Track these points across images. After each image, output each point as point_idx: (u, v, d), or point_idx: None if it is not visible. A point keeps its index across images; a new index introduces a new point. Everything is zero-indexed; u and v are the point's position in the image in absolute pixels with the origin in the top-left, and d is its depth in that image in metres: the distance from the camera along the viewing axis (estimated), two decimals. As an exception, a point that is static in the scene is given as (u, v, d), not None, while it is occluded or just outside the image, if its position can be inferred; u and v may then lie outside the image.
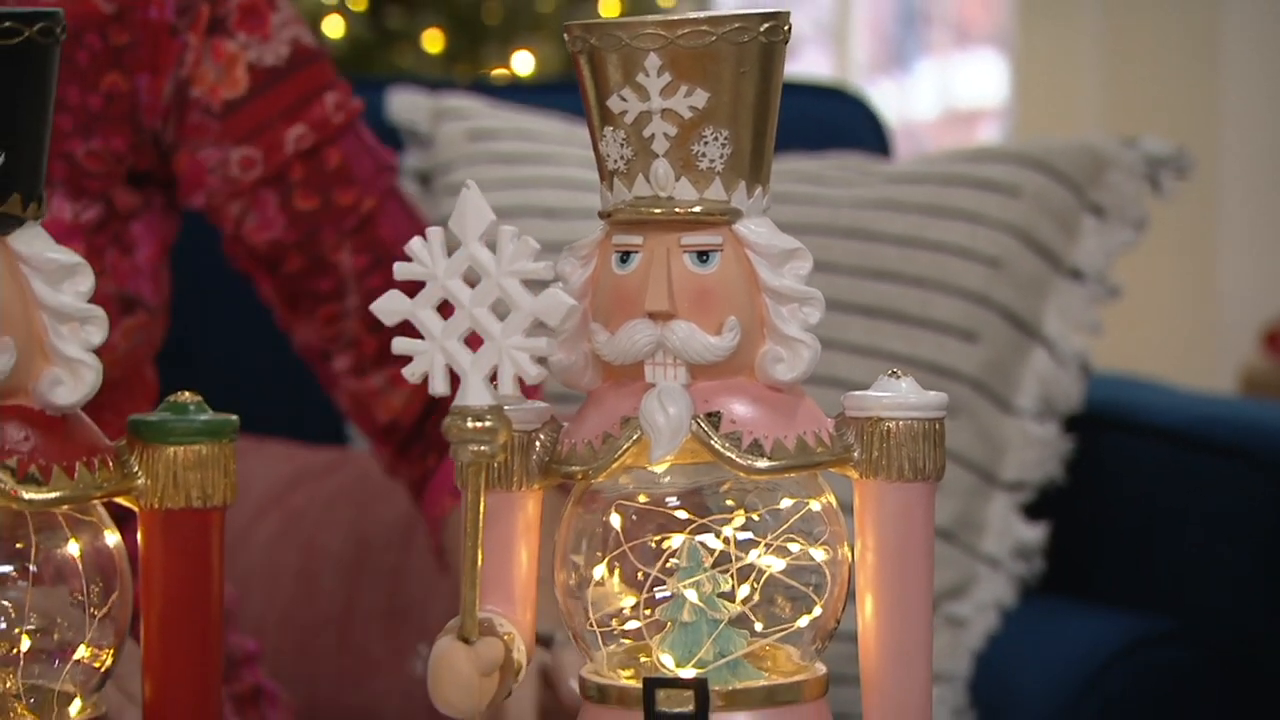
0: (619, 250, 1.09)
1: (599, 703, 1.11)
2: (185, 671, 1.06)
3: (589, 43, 1.09)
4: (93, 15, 1.61)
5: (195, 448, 1.04)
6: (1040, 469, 2.20)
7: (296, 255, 1.70)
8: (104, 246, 1.63)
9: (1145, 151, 2.26)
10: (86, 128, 1.61)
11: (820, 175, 2.29)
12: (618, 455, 1.09)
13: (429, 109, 2.40)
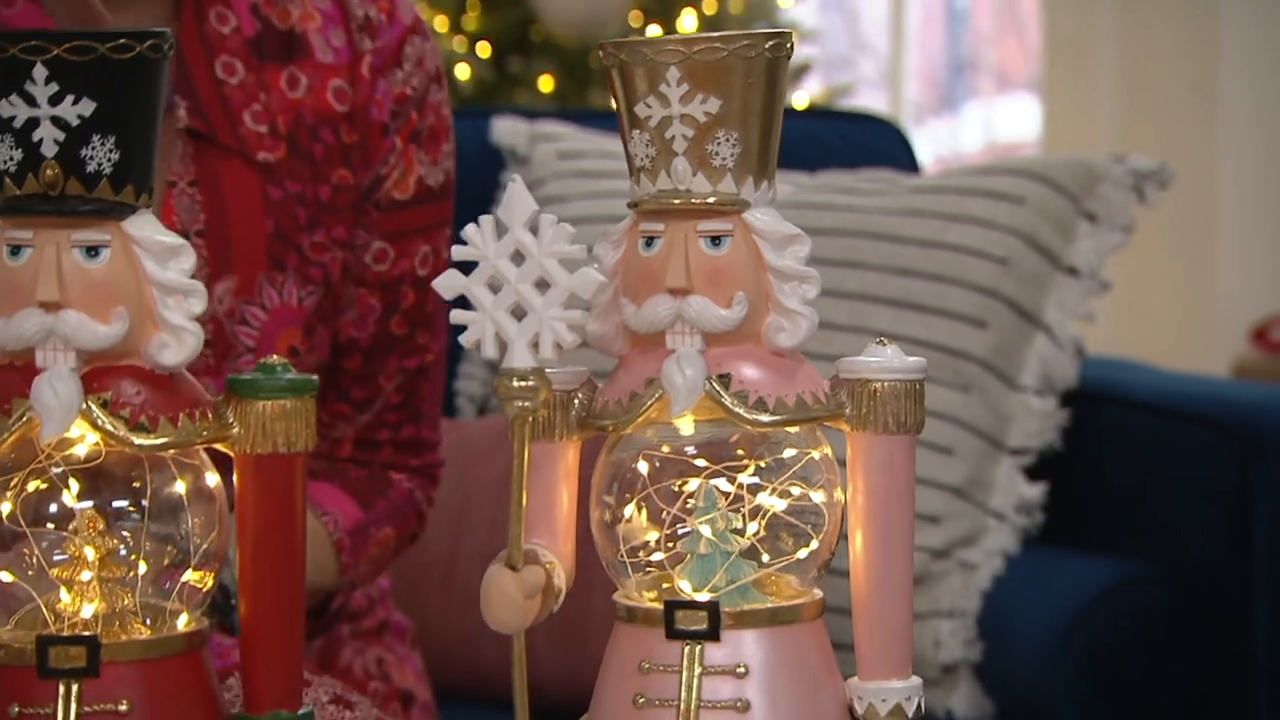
0: (644, 235, 1.09)
1: (628, 622, 1.10)
2: (274, 589, 1.05)
3: (619, 58, 1.08)
4: (328, 113, 1.58)
5: (281, 402, 1.03)
6: (1041, 437, 2.20)
7: (360, 360, 1.66)
8: (315, 325, 1.60)
9: (1132, 167, 2.25)
10: (315, 219, 1.58)
11: (854, 187, 2.29)
12: (643, 410, 1.08)
13: (526, 133, 2.41)
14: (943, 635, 2.12)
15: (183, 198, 1.54)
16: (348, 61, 1.60)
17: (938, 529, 2.14)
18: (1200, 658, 2.07)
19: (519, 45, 4.45)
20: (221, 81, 1.55)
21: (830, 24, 7.29)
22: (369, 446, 1.69)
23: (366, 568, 1.67)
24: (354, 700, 1.42)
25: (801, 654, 1.09)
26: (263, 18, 1.58)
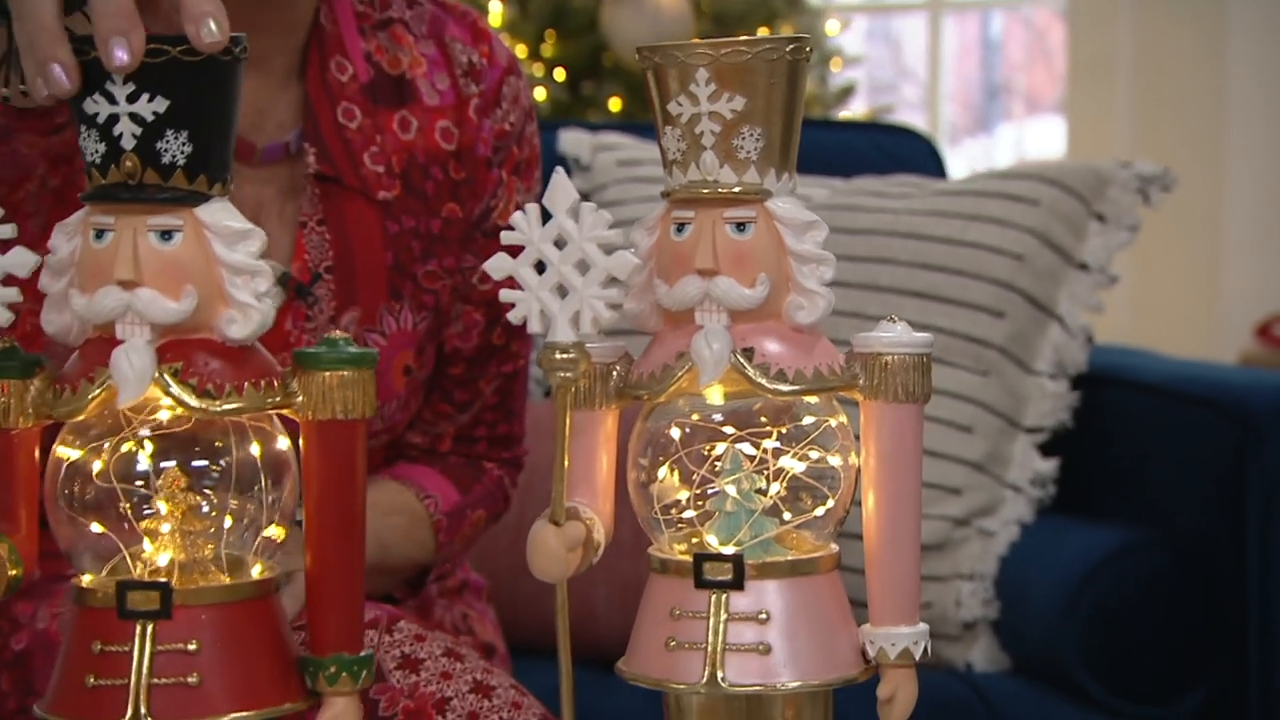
0: (676, 222, 1.08)
1: (661, 573, 1.09)
2: (336, 543, 1.04)
3: (654, 60, 1.08)
4: (437, 152, 1.59)
5: (340, 373, 1.02)
6: (1053, 417, 2.19)
7: (463, 367, 1.67)
8: (426, 345, 1.61)
9: (1137, 171, 2.25)
10: (427, 250, 1.59)
11: (884, 191, 2.29)
12: (674, 381, 1.07)
13: (589, 143, 2.41)
14: (963, 596, 2.11)
15: (312, 236, 1.54)
16: (454, 104, 1.60)
17: (959, 500, 2.13)
18: (1197, 616, 2.06)
19: (591, 70, 4.46)
20: (343, 126, 1.55)
21: (875, 52, 7.27)
22: (468, 441, 1.70)
23: (459, 545, 1.68)
24: (464, 653, 1.43)
25: (818, 602, 1.07)
26: (375, 64, 1.58)
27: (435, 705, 1.37)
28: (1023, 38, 7.74)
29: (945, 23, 6.67)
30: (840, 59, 5.03)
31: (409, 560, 1.63)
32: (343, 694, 1.03)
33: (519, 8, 4.40)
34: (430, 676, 1.39)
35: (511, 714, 1.38)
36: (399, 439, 1.67)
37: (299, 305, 1.54)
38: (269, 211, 1.55)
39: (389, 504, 1.61)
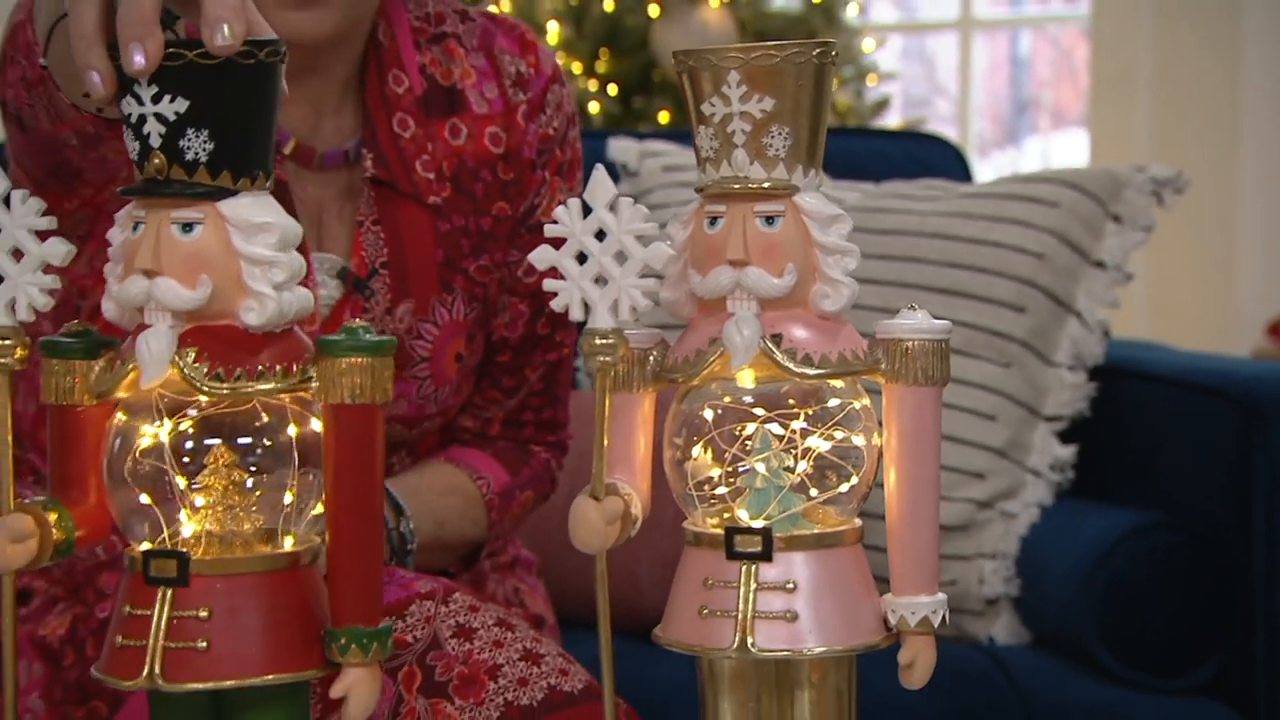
0: (709, 216, 1.07)
1: (695, 545, 1.09)
2: (352, 521, 1.03)
3: (688, 64, 1.07)
4: (486, 156, 1.59)
5: (354, 360, 1.01)
6: (1072, 406, 2.18)
7: (510, 355, 1.67)
8: (476, 333, 1.62)
9: (1151, 175, 2.23)
10: (477, 247, 1.59)
11: (913, 194, 2.28)
12: (708, 365, 1.07)
13: (637, 150, 2.40)
14: (986, 574, 2.10)
15: (369, 235, 1.55)
16: (502, 110, 1.61)
17: (983, 484, 2.12)
18: (1206, 593, 2.04)
19: (642, 85, 4.46)
20: (398, 135, 1.56)
21: (910, 69, 7.25)
22: (515, 426, 1.70)
23: (509, 524, 1.69)
24: (514, 624, 1.42)
25: (843, 573, 1.07)
26: (429, 76, 1.59)
27: (488, 671, 1.37)
28: (1049, 55, 7.70)
29: (976, 41, 6.63)
30: (876, 75, 5.02)
31: (464, 537, 1.63)
32: (354, 665, 1.02)
33: (575, 27, 4.40)
34: (483, 645, 1.39)
35: (559, 680, 1.38)
36: (451, 423, 1.67)
37: (357, 298, 1.54)
38: (329, 212, 1.56)
39: (445, 485, 1.61)
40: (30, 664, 1.50)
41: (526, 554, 1.80)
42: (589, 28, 4.37)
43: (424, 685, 1.37)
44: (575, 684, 1.38)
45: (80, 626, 1.51)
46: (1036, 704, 1.98)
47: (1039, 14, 7.51)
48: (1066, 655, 2.06)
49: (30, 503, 1.04)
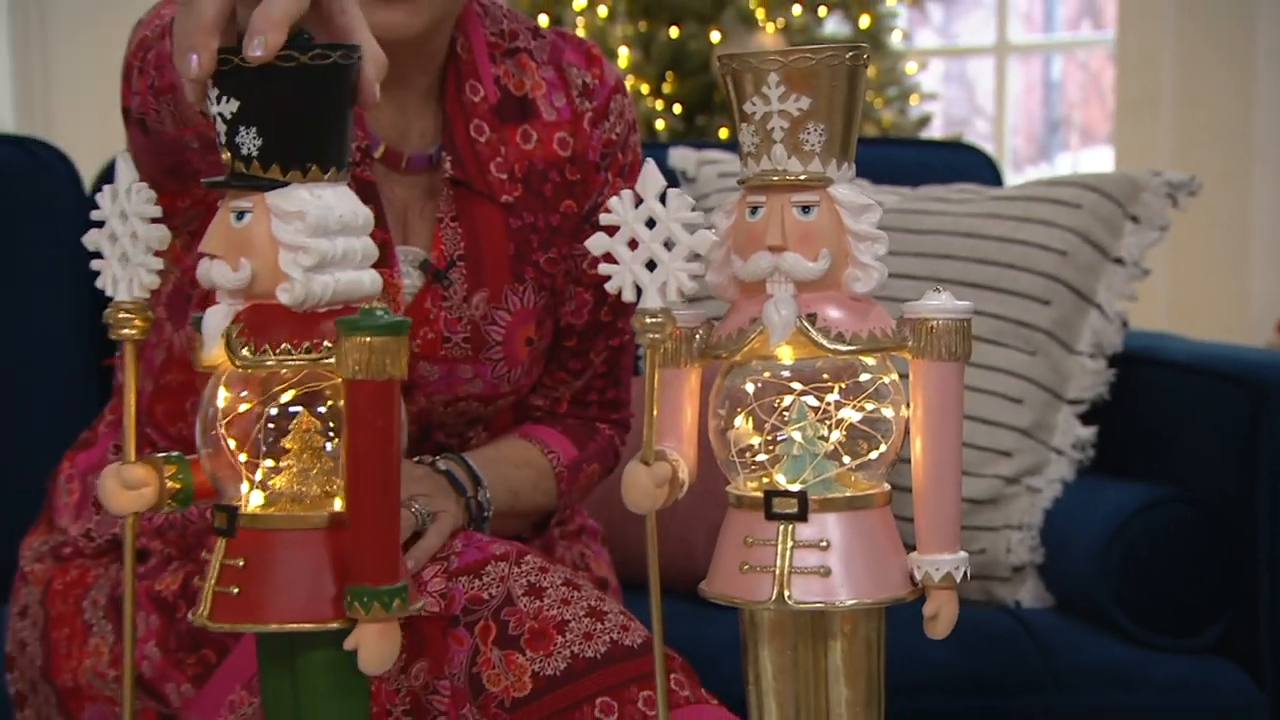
0: (750, 206, 1.07)
1: (737, 507, 1.08)
2: (362, 487, 1.00)
3: (732, 66, 1.06)
4: (555, 159, 1.59)
5: (366, 339, 0.98)
6: (1092, 390, 2.16)
7: (576, 340, 1.66)
8: (544, 319, 1.61)
9: (1166, 179, 2.21)
10: (546, 241, 1.59)
11: (946, 197, 2.26)
12: (749, 342, 1.06)
13: (695, 159, 2.40)
14: (1013, 543, 2.09)
15: (447, 230, 1.55)
16: (569, 118, 1.61)
17: (1010, 461, 2.11)
18: (1214, 561, 2.02)
19: (704, 105, 4.45)
20: (474, 140, 1.56)
21: (950, 91, 7.21)
22: (581, 405, 1.70)
23: (577, 494, 1.68)
24: (580, 584, 1.42)
25: (872, 532, 1.06)
26: (502, 87, 1.59)
27: (556, 626, 1.37)
28: (1079, 78, 7.65)
29: (1011, 65, 6.59)
30: (918, 95, 5.00)
31: (535, 506, 1.63)
32: (362, 619, 0.99)
33: (643, 52, 4.40)
34: (552, 602, 1.39)
35: (620, 635, 1.38)
36: (524, 401, 1.67)
37: (437, 287, 1.55)
38: (413, 210, 1.57)
39: (518, 458, 1.61)
40: (148, 616, 1.50)
41: (592, 523, 1.80)
42: (656, 52, 4.37)
43: (498, 638, 1.37)
44: (635, 638, 1.38)
45: (191, 583, 1.52)
46: (1059, 662, 1.97)
47: (1069, 39, 7.46)
48: (1086, 618, 2.05)
49: (151, 457, 1.05)
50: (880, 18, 4.70)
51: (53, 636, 1.54)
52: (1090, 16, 7.46)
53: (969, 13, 7.32)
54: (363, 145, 1.52)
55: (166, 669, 1.48)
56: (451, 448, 1.60)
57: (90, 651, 1.51)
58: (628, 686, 1.35)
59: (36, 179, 2.29)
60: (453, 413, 1.58)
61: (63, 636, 1.53)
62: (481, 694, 1.36)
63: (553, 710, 1.35)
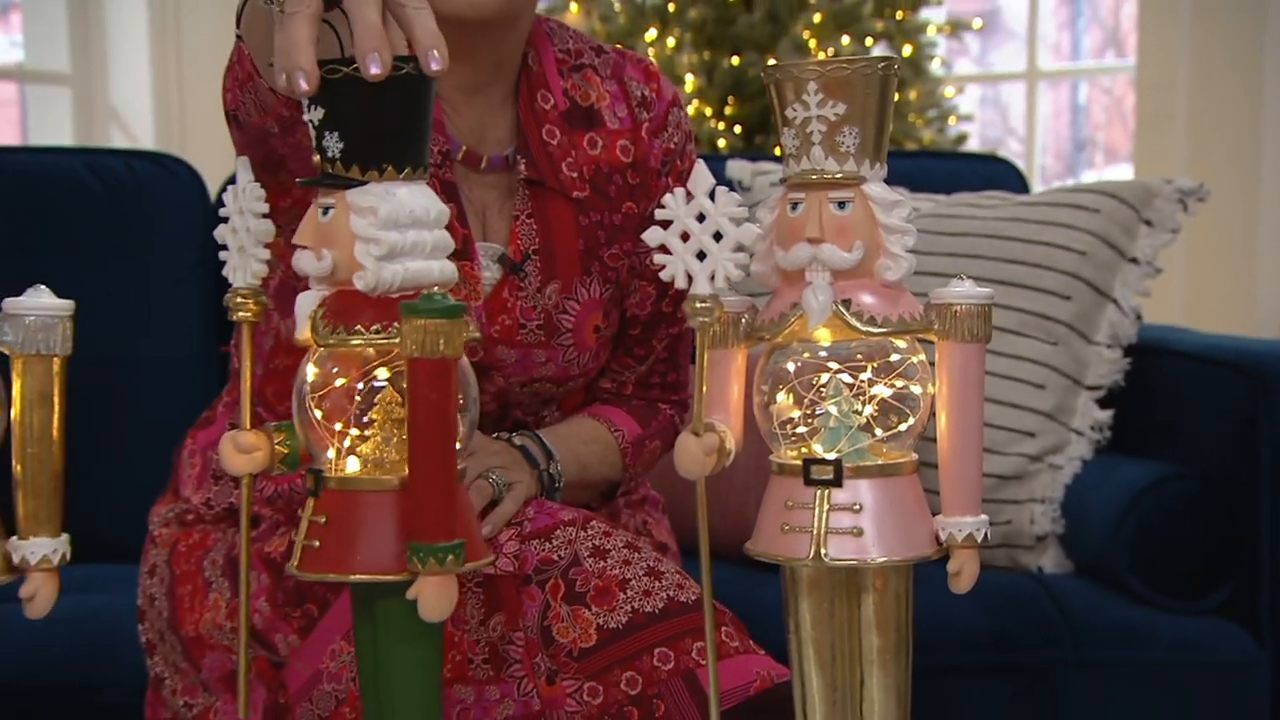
0: (790, 202, 1.05)
1: (778, 474, 1.06)
2: (420, 452, 0.97)
3: (775, 76, 1.05)
4: (618, 164, 1.58)
5: (424, 321, 0.95)
6: (1109, 377, 2.14)
7: (640, 329, 1.65)
8: (611, 309, 1.61)
9: (1178, 187, 2.18)
10: (611, 238, 1.58)
11: (977, 203, 2.24)
12: (789, 325, 1.05)
13: (750, 170, 2.39)
14: (1036, 515, 2.07)
15: (523, 226, 1.54)
16: (630, 127, 1.59)
17: (1034, 441, 2.09)
18: (1218, 531, 2.00)
19: (762, 126, 4.43)
20: (546, 143, 1.55)
21: (986, 114, 7.16)
22: (645, 387, 1.69)
23: (640, 468, 1.67)
24: (641, 546, 1.42)
25: (901, 497, 1.05)
26: (571, 97, 1.58)
27: (618, 584, 1.37)
28: (1103, 102, 7.58)
29: (1041, 90, 6.51)
30: (956, 116, 4.95)
31: (603, 478, 1.62)
32: (421, 573, 0.97)
33: (707, 79, 4.38)
34: (615, 563, 1.39)
35: (676, 592, 1.37)
36: (592, 384, 1.66)
37: (513, 279, 1.54)
38: (491, 208, 1.56)
39: (588, 435, 1.61)
40: (259, 574, 1.51)
41: (654, 493, 1.79)
42: (718, 78, 4.35)
43: (566, 594, 1.37)
44: (689, 595, 1.37)
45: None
46: (1077, 621, 1.95)
47: (1094, 66, 7.38)
48: (1102, 582, 2.03)
49: (264, 425, 1.05)
50: (922, 46, 4.67)
51: (178, 592, 1.54)
52: (1113, 45, 7.39)
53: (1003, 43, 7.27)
54: (445, 149, 1.51)
55: (275, 621, 1.48)
56: (527, 424, 1.59)
57: (210, 606, 1.51)
58: (683, 638, 1.35)
59: (170, 190, 2.31)
60: (528, 393, 1.57)
61: (186, 592, 1.54)
62: (552, 644, 1.35)
63: (615, 659, 1.34)
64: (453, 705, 1.39)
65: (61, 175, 2.27)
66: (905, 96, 4.53)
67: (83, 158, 2.31)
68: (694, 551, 1.88)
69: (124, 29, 4.74)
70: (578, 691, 1.34)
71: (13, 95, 5.07)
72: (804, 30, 4.32)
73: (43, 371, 0.97)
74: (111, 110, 4.78)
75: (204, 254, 2.28)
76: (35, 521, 0.98)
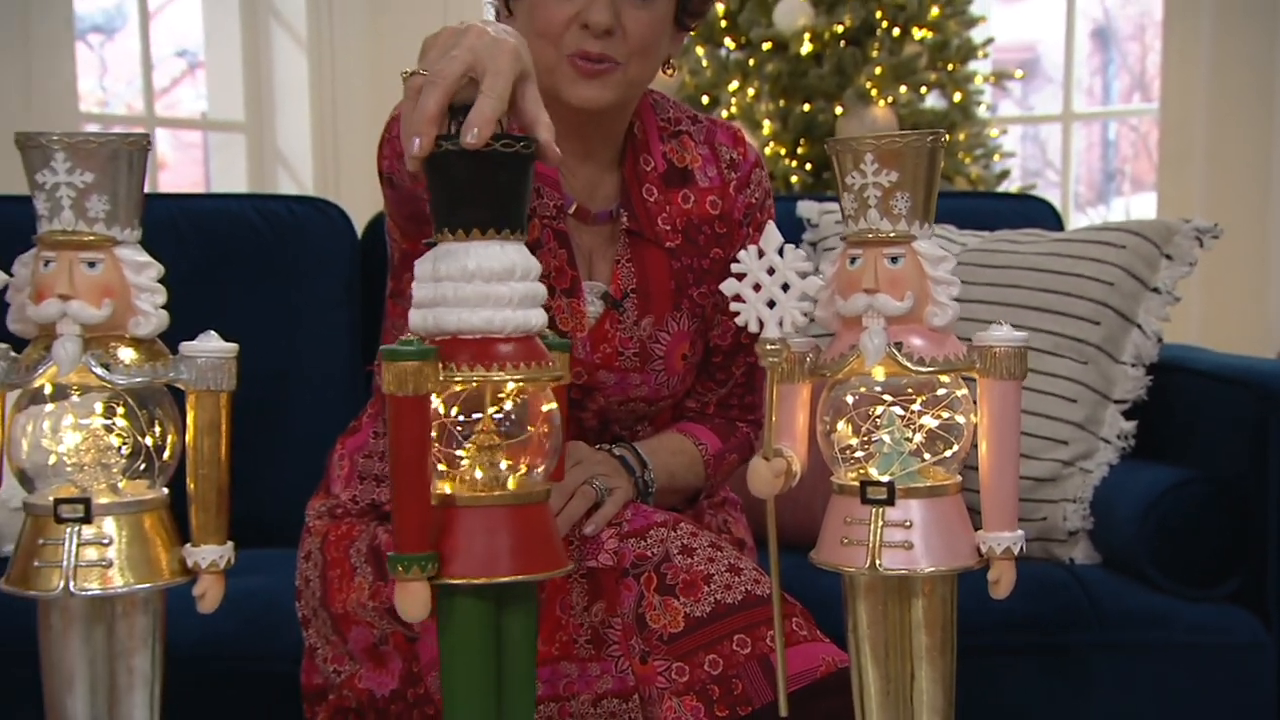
0: (850, 257, 1.04)
1: (839, 494, 1.06)
2: (401, 472, 0.95)
3: (837, 149, 1.05)
4: (707, 216, 1.57)
5: (402, 364, 0.94)
6: (1134, 393, 2.08)
7: (721, 357, 1.63)
8: (696, 340, 1.59)
9: (1195, 225, 2.12)
10: (699, 279, 1.57)
11: (1017, 240, 2.19)
12: (848, 363, 1.04)
13: (817, 209, 2.35)
14: (1068, 513, 2.02)
15: (624, 268, 1.54)
16: (719, 185, 1.58)
17: (1066, 448, 2.04)
18: (1230, 529, 1.94)
19: (829, 164, 4.39)
20: (645, 200, 1.55)
21: (1026, 149, 7.04)
22: (725, 408, 1.68)
23: (721, 477, 1.66)
24: (723, 545, 1.41)
25: (947, 514, 1.03)
26: (669, 160, 1.57)
27: (703, 579, 1.36)
28: (1130, 138, 7.44)
29: (1075, 129, 6.40)
30: (1000, 154, 4.88)
31: (688, 485, 1.61)
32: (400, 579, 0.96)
33: (781, 123, 4.35)
34: (700, 560, 1.38)
35: (753, 586, 1.36)
36: (679, 403, 1.65)
37: (614, 314, 1.54)
38: (597, 253, 1.56)
39: (675, 447, 1.60)
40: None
41: (734, 495, 1.78)
42: (792, 123, 4.32)
43: (659, 586, 1.36)
44: (764, 590, 1.36)
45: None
46: (1104, 607, 1.91)
47: (1123, 109, 7.26)
48: (1127, 573, 1.98)
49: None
50: (970, 94, 4.60)
51: (329, 575, 1.55)
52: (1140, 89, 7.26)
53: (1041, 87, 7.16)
54: (559, 204, 1.52)
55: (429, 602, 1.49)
56: (624, 438, 1.59)
57: (355, 587, 1.52)
58: (758, 627, 1.34)
59: (323, 230, 2.33)
60: (624, 411, 1.57)
61: (335, 575, 1.55)
62: (645, 629, 1.35)
63: (700, 644, 1.33)
64: (560, 679, 1.38)
65: (234, 218, 2.30)
66: (955, 137, 4.46)
67: (251, 202, 2.34)
68: (767, 543, 1.88)
69: (289, 83, 4.80)
70: (667, 670, 1.33)
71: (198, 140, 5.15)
72: (866, 81, 4.27)
73: (212, 404, 0.98)
74: (279, 154, 4.84)
75: (350, 285, 2.29)
76: (205, 532, 0.99)
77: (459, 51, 1.02)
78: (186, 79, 5.34)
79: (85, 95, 4.41)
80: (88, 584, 0.95)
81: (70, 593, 0.95)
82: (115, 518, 0.96)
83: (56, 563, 0.95)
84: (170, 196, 2.40)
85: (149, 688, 1.00)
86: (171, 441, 0.99)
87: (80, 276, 0.95)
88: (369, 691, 1.50)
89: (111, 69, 5.12)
